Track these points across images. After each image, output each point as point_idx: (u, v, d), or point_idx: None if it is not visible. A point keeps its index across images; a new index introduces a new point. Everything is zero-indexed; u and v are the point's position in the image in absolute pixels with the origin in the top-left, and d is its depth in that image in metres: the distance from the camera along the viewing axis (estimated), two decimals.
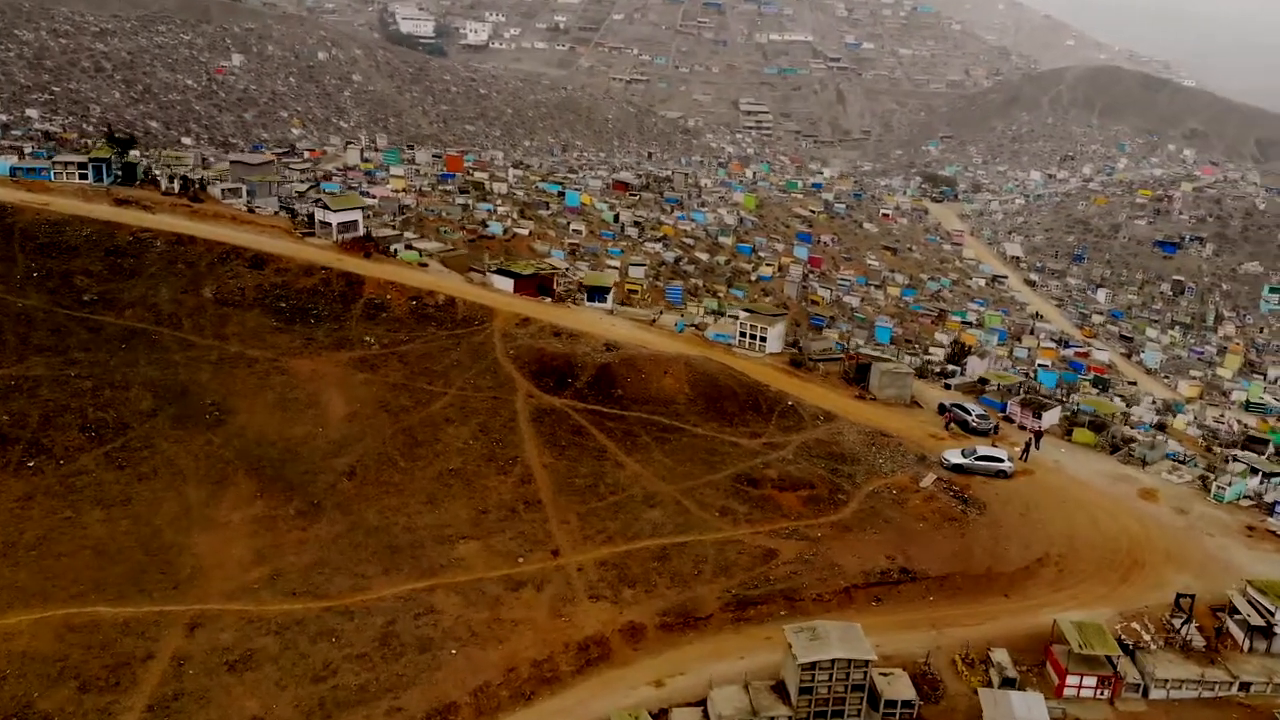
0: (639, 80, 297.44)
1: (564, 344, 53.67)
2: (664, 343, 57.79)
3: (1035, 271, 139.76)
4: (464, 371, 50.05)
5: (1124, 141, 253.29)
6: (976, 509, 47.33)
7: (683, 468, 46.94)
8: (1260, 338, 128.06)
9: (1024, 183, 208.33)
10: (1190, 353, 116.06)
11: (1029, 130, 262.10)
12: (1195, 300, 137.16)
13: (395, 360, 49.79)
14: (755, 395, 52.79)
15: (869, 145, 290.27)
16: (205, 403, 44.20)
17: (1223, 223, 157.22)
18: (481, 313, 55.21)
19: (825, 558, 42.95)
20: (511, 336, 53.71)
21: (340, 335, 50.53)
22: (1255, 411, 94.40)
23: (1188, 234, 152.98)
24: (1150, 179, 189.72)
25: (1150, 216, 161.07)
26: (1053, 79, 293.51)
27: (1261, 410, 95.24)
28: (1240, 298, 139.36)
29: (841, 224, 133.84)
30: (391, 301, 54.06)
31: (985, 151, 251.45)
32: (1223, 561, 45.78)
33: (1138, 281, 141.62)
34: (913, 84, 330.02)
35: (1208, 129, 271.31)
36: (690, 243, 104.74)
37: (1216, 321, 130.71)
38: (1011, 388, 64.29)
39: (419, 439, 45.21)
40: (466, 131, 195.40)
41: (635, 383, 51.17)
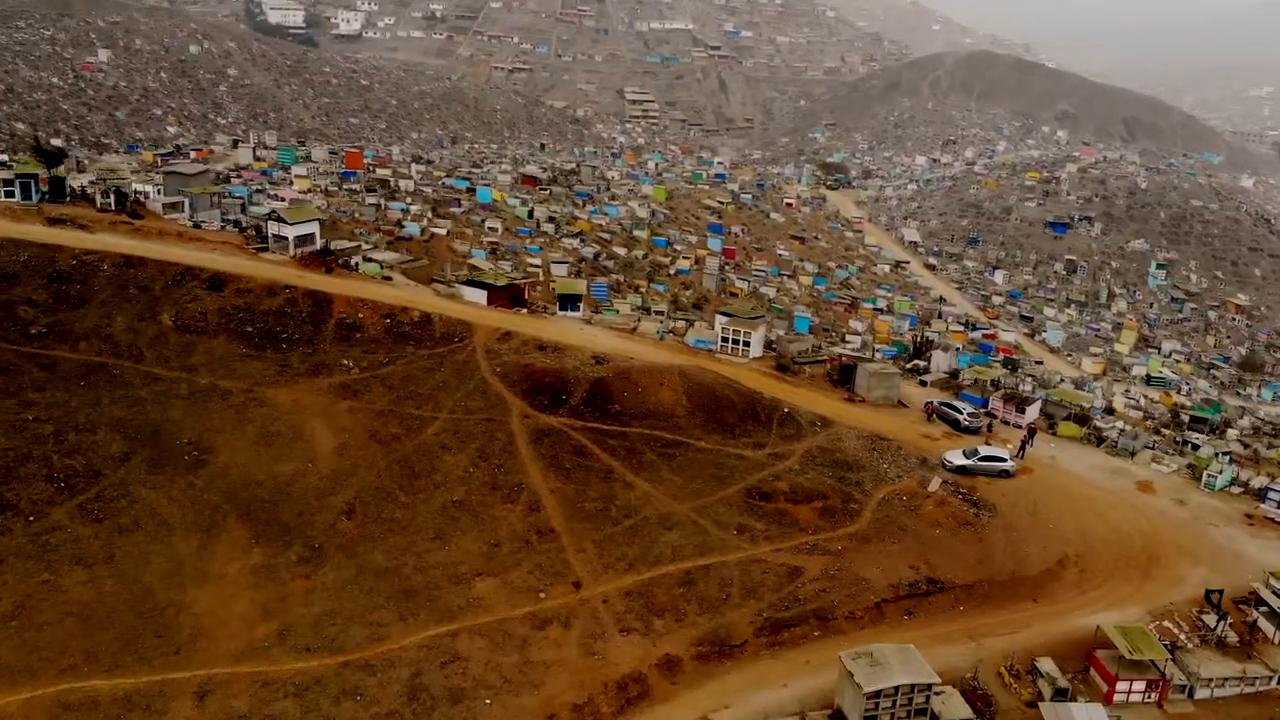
0: (521, 69, 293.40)
1: (551, 358, 51.15)
2: (650, 352, 55.74)
3: (933, 255, 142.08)
4: (452, 393, 47.13)
5: (1002, 125, 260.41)
6: (988, 512, 46.59)
7: (693, 485, 45.01)
8: (1150, 313, 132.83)
9: (910, 168, 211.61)
10: (1087, 330, 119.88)
11: (911, 116, 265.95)
12: (1087, 278, 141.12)
13: (378, 385, 46.56)
14: (752, 404, 51.16)
15: (755, 133, 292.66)
16: (181, 442, 40.38)
17: (1108, 202, 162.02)
18: (460, 328, 52.25)
19: (850, 572, 41.58)
20: (495, 353, 50.94)
21: (316, 360, 47.01)
22: (1156, 385, 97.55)
23: (1076, 214, 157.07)
24: (1033, 161, 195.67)
25: (1039, 198, 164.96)
26: (931, 64, 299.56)
27: (1162, 384, 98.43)
28: (1129, 275, 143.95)
29: (749, 214, 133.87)
30: (364, 321, 50.69)
31: (870, 138, 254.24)
32: (1233, 552, 46.00)
33: (1032, 262, 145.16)
34: (791, 71, 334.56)
35: (1078, 110, 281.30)
36: (607, 237, 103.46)
37: (1109, 299, 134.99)
38: (992, 383, 64.06)
39: (416, 469, 42.23)
40: (351, 125, 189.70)
41: (632, 397, 48.99)
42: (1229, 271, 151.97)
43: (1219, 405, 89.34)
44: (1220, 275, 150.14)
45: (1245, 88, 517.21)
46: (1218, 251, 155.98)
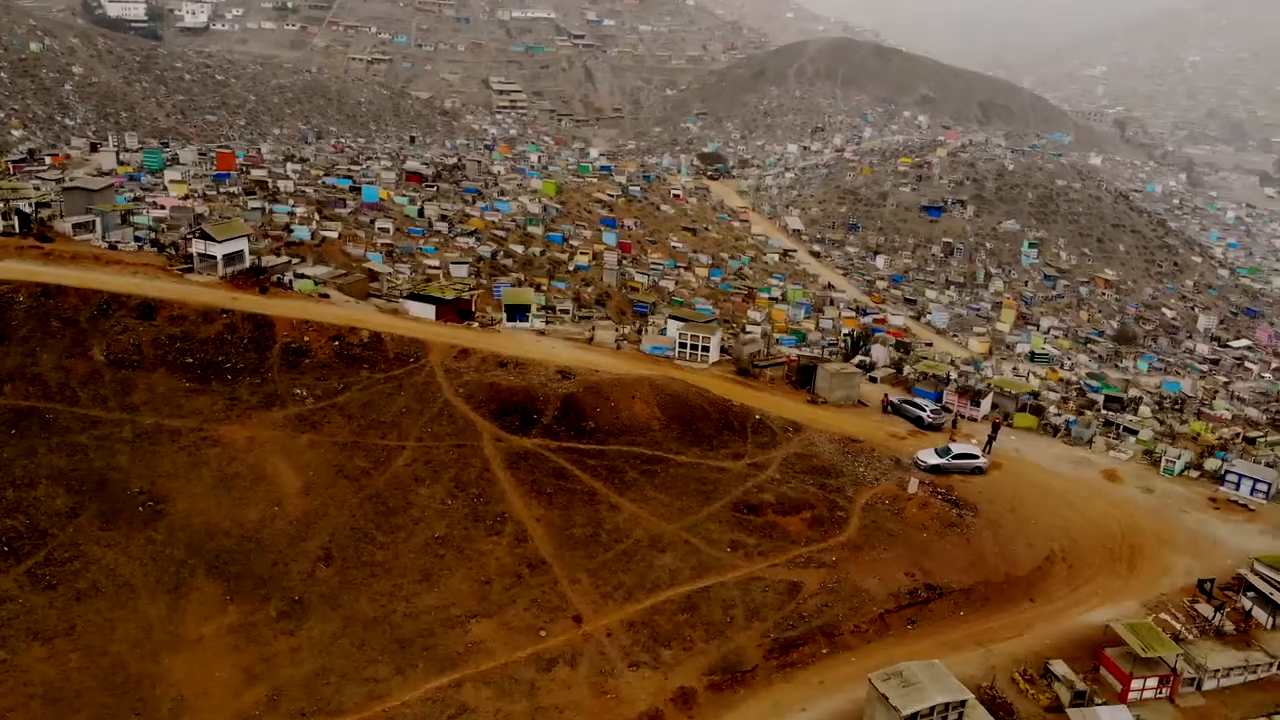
0: (381, 60, 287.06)
1: (515, 375, 48.67)
2: (611, 363, 53.73)
3: (817, 243, 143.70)
4: (416, 419, 44.26)
5: (867, 111, 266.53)
6: (970, 511, 46.31)
7: (679, 502, 43.35)
8: (1026, 291, 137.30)
9: (784, 156, 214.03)
10: (968, 310, 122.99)
11: (779, 104, 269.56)
12: (964, 260, 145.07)
13: (337, 414, 43.35)
14: (725, 412, 49.76)
15: (626, 123, 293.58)
16: (132, 492, 36.59)
17: (979, 185, 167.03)
18: (413, 348, 49.23)
19: (849, 583, 40.64)
20: (455, 372, 48.16)
21: (266, 391, 43.46)
22: (1041, 361, 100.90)
23: (949, 198, 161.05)
24: (900, 145, 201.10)
25: (914, 183, 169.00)
26: (795, 52, 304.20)
27: (1046, 360, 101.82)
28: (1003, 254, 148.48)
29: (640, 207, 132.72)
30: (311, 344, 47.22)
31: (741, 126, 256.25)
32: (1209, 538, 46.81)
33: (910, 246, 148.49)
34: (656, 60, 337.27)
35: (936, 95, 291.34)
36: (502, 234, 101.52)
37: (986, 279, 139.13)
38: (942, 377, 64.15)
39: (391, 506, 39.37)
40: (209, 123, 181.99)
41: (605, 412, 46.96)
42: (1095, 248, 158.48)
43: (1100, 380, 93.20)
44: (1088, 252, 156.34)
45: (1079, 67, 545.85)
46: (1084, 229, 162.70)
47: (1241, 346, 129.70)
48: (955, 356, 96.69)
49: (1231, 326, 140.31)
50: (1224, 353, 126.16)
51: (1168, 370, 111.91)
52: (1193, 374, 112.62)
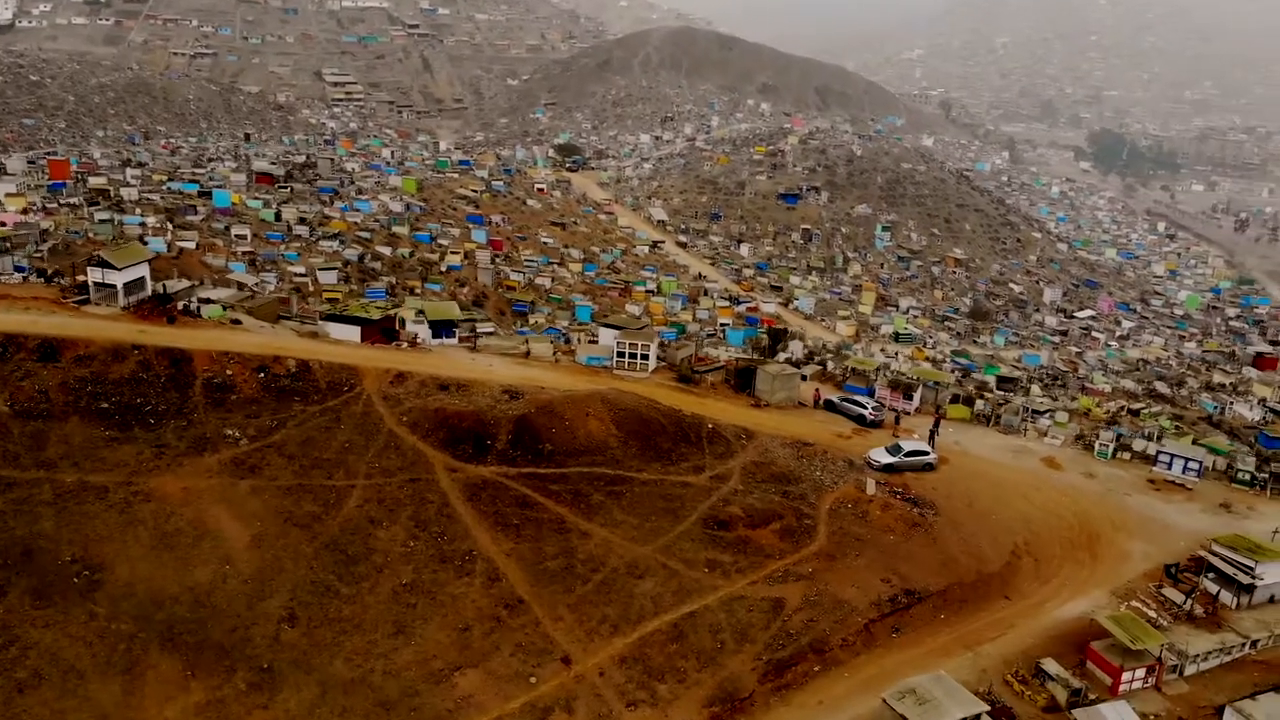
0: (204, 54, 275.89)
1: (460, 399, 45.99)
2: (554, 378, 51.54)
3: (682, 233, 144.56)
4: (362, 454, 41.16)
5: (714, 100, 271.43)
6: (931, 510, 46.22)
7: (649, 523, 41.65)
8: (883, 273, 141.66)
9: (637, 146, 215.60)
10: (830, 294, 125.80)
11: (627, 94, 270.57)
12: (822, 245, 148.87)
13: (275, 455, 39.84)
14: (679, 424, 48.29)
15: (470, 114, 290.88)
16: (64, 561, 32.45)
17: (831, 171, 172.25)
18: (345, 375, 45.94)
19: (829, 595, 39.80)
20: (394, 399, 45.14)
21: (195, 434, 39.57)
22: (905, 341, 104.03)
23: (804, 185, 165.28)
24: (748, 134, 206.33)
25: (769, 171, 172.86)
26: (639, 42, 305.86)
27: (910, 340, 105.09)
28: (858, 239, 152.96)
29: (505, 202, 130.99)
30: (235, 378, 43.39)
31: (591, 117, 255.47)
32: (1159, 521, 47.96)
33: (771, 233, 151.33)
34: (495, 50, 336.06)
35: (777, 82, 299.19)
36: (367, 236, 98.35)
37: (845, 263, 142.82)
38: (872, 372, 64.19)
39: (350, 554, 36.32)
40: (25, 127, 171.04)
41: (561, 433, 44.81)
42: (943, 228, 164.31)
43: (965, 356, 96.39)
44: (936, 232, 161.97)
45: (898, 51, 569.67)
46: (931, 211, 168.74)
47: (1086, 317, 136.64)
48: (826, 341, 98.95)
49: (1074, 298, 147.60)
50: (1071, 324, 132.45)
51: (1022, 344, 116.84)
52: (1046, 346, 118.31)
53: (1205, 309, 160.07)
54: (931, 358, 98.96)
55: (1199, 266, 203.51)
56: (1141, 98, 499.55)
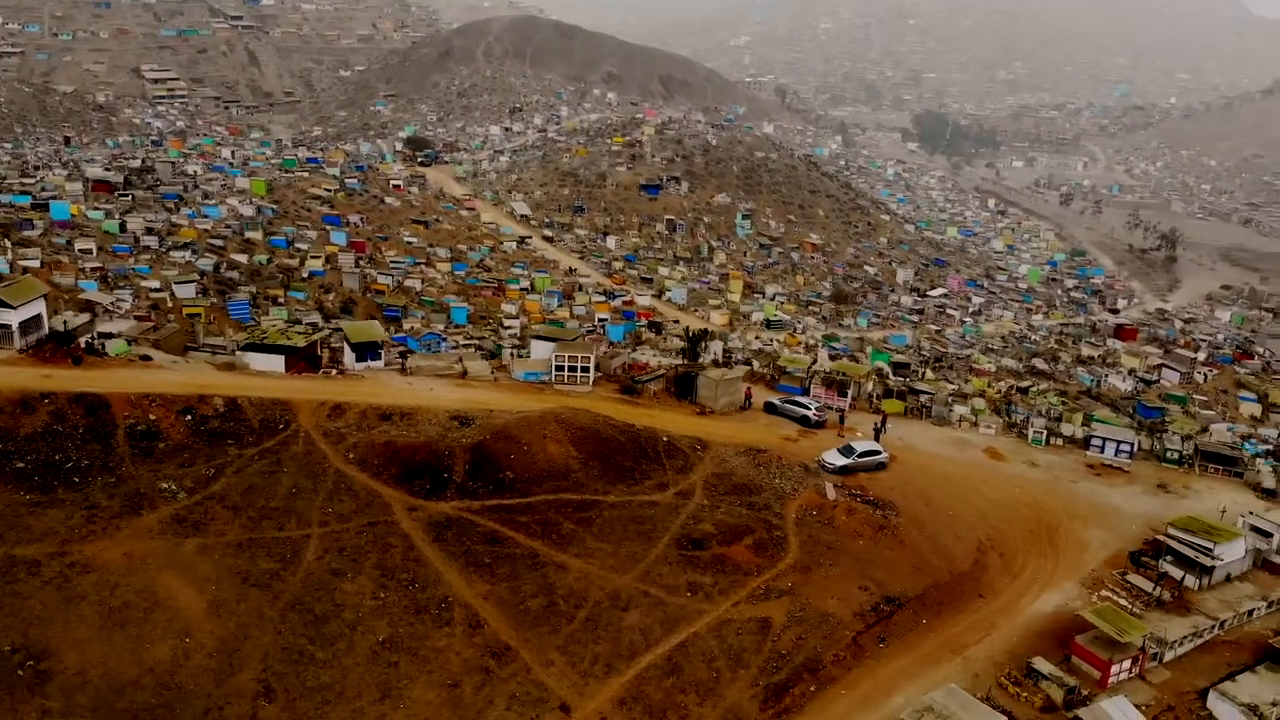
0: (11, 53, 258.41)
1: (407, 429, 43.16)
2: (498, 398, 49.11)
3: (547, 227, 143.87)
4: (312, 500, 38.01)
5: (560, 90, 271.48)
6: (892, 511, 46.07)
7: (623, 548, 39.97)
8: (746, 261, 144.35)
9: (487, 138, 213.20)
10: (699, 284, 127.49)
11: (472, 84, 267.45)
12: (686, 235, 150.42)
13: (218, 508, 36.30)
14: (636, 439, 46.68)
15: (305, 108, 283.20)
16: (3, 651, 28.41)
17: (689, 161, 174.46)
18: (277, 411, 42.47)
19: (813, 609, 39.04)
20: (335, 434, 41.98)
21: (126, 491, 35.64)
22: (776, 328, 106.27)
23: (664, 175, 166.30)
24: (600, 124, 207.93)
25: (628, 162, 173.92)
26: (479, 31, 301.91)
27: (781, 326, 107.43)
28: (720, 227, 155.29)
29: (362, 201, 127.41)
30: (160, 423, 39.44)
31: (436, 109, 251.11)
32: (1108, 506, 49.11)
33: (636, 225, 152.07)
34: (324, 40, 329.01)
35: (621, 71, 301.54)
36: (219, 244, 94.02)
37: (710, 252, 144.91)
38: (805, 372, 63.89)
39: (319, 613, 33.34)
40: None
41: (520, 459, 42.57)
42: (799, 214, 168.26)
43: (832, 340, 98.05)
44: (793, 219, 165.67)
45: (726, 38, 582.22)
46: (786, 198, 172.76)
47: (939, 295, 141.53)
48: (707, 329, 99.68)
49: (925, 277, 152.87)
50: (925, 302, 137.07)
51: (884, 325, 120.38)
52: (905, 325, 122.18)
53: (1045, 281, 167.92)
54: (804, 343, 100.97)
55: (1033, 240, 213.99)
56: (958, 79, 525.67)
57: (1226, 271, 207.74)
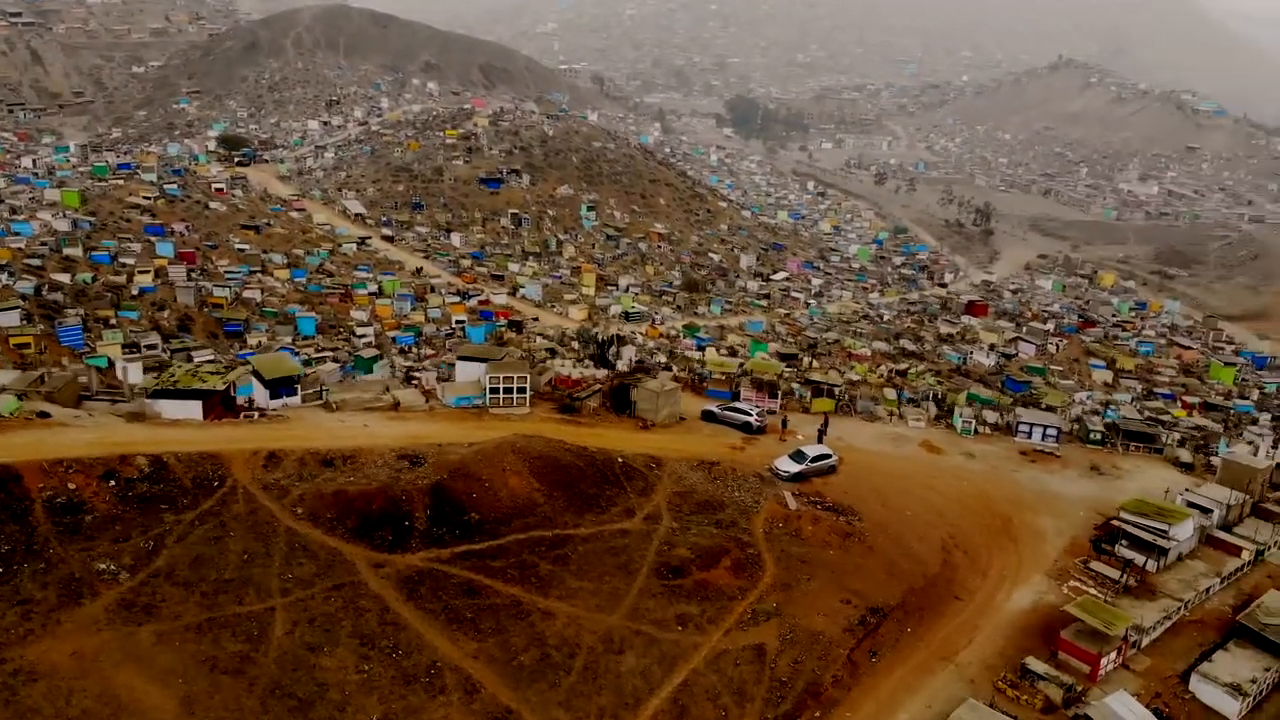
0: None
1: (353, 474, 39.84)
2: (441, 429, 46.13)
3: (385, 225, 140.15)
4: (268, 566, 34.46)
5: (378, 81, 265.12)
6: (854, 516, 45.88)
7: (605, 585, 38.09)
8: (596, 253, 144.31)
9: (305, 134, 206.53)
10: (552, 279, 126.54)
11: (283, 78, 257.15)
12: (532, 229, 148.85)
13: (167, 586, 32.36)
14: (594, 464, 44.73)
15: (99, 107, 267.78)
16: None
17: (527, 153, 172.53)
18: (208, 466, 38.42)
19: (802, 629, 38.32)
20: (276, 487, 38.32)
21: (60, 577, 31.21)
22: (635, 320, 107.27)
23: (504, 168, 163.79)
24: (426, 115, 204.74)
25: (465, 155, 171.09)
26: (288, 22, 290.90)
27: (640, 318, 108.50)
28: (566, 220, 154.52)
29: (185, 207, 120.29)
30: (82, 492, 34.92)
31: (246, 104, 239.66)
32: (1051, 493, 50.32)
33: (479, 220, 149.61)
34: (113, 35, 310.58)
35: (439, 60, 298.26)
36: (37, 263, 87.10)
37: (558, 245, 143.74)
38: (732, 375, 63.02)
39: (302, 696, 30.13)
40: None
41: (483, 497, 39.99)
42: (641, 204, 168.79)
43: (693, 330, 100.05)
44: (636, 209, 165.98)
45: (532, 25, 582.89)
46: (627, 187, 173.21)
47: (782, 279, 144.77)
48: (565, 328, 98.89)
49: (767, 261, 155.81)
50: (770, 286, 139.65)
51: (735, 311, 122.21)
52: (755, 309, 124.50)
53: (875, 260, 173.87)
54: (665, 334, 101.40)
55: (855, 220, 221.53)
56: (761, 63, 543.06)
57: (1038, 241, 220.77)
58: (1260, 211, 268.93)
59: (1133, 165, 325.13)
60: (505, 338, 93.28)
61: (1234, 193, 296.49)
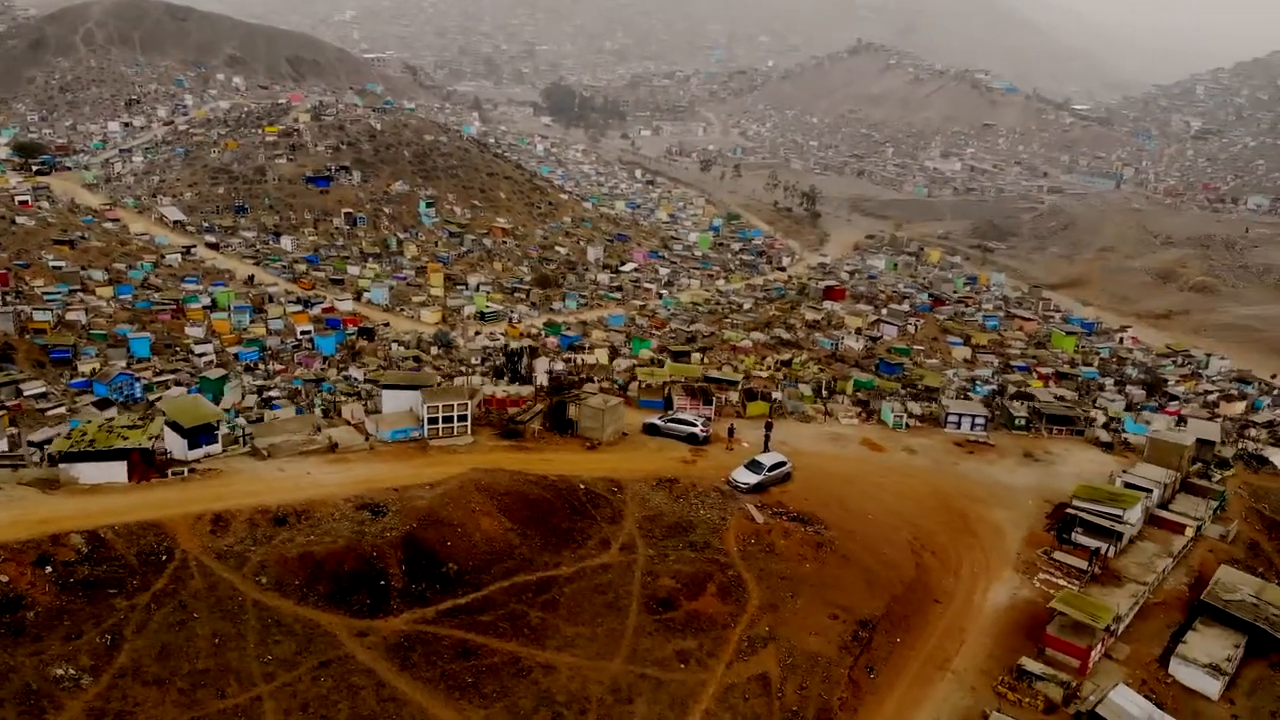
0: None
1: (310, 532, 36.54)
2: (394, 471, 42.98)
3: (208, 232, 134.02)
4: (242, 648, 31.05)
5: (180, 77, 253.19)
6: (821, 525, 45.55)
7: (599, 628, 36.38)
8: (439, 251, 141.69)
9: (106, 136, 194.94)
10: (395, 280, 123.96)
11: (75, 77, 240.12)
12: (369, 228, 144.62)
13: (137, 687, 28.56)
14: (559, 493, 42.87)
15: None
16: None
17: (355, 149, 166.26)
18: (151, 538, 34.39)
19: (800, 652, 37.77)
20: (234, 555, 34.69)
21: (15, 690, 26.71)
22: (490, 320, 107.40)
23: (332, 166, 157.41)
24: (239, 113, 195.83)
25: (288, 153, 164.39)
26: (77, 17, 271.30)
27: (496, 318, 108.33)
28: (404, 218, 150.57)
29: None
30: (17, 584, 30.41)
31: (37, 107, 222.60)
32: (997, 483, 51.42)
33: (310, 221, 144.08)
34: None
35: (244, 54, 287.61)
36: None
37: (399, 245, 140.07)
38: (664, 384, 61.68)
39: None
40: None
41: (457, 545, 37.45)
42: (481, 198, 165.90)
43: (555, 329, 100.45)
44: (477, 204, 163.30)
45: (330, 12, 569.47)
46: (465, 181, 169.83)
47: (631, 270, 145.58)
48: (420, 332, 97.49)
49: (613, 253, 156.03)
50: (621, 278, 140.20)
51: (590, 305, 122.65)
52: (610, 302, 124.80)
53: (715, 247, 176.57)
54: (525, 331, 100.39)
55: (688, 208, 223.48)
56: (571, 50, 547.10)
57: (862, 221, 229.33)
58: (1056, 183, 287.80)
59: (935, 143, 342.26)
60: (358, 346, 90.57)
61: (1029, 165, 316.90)
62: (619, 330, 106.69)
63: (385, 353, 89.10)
